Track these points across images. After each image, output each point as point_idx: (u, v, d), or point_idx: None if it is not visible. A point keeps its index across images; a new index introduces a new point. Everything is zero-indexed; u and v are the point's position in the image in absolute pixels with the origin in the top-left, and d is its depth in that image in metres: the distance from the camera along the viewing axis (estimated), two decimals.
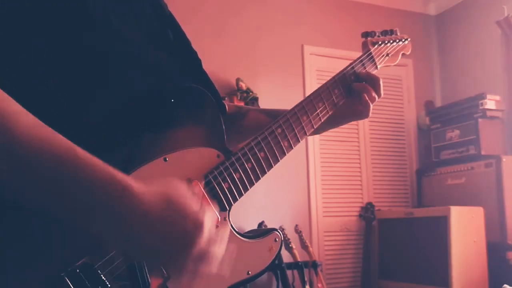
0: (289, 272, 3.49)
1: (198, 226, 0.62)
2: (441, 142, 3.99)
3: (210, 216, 0.65)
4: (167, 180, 0.64)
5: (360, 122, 4.17)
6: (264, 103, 3.67)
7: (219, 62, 3.73)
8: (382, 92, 1.07)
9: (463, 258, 3.19)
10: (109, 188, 0.58)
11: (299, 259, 3.54)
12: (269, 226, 3.60)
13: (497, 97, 3.77)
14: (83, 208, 0.58)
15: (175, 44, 0.91)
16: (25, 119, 0.56)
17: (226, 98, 3.60)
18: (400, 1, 4.50)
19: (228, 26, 3.87)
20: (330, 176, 4.05)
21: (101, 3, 0.72)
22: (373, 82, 1.06)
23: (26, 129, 0.55)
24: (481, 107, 3.71)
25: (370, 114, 1.07)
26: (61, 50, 0.68)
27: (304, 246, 3.67)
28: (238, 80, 3.66)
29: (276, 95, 3.85)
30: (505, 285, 2.68)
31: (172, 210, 0.61)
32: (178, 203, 0.62)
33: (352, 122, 1.12)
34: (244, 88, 3.65)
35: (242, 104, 3.63)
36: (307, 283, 3.49)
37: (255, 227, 3.57)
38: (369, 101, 1.05)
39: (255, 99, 3.66)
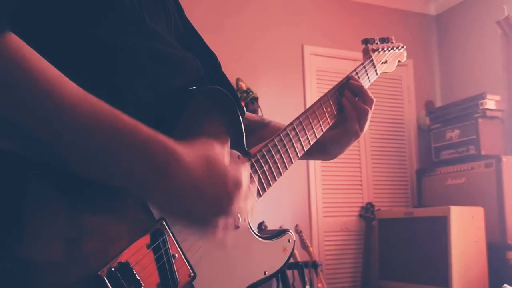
0: (289, 272, 3.49)
1: (238, 184, 0.67)
2: (441, 142, 4.00)
3: (246, 173, 0.69)
4: (206, 142, 0.68)
5: None
6: (264, 103, 3.67)
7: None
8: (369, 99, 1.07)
9: (463, 258, 3.19)
10: (154, 151, 0.62)
11: (299, 259, 3.54)
12: (269, 226, 3.60)
13: (497, 97, 3.77)
14: (127, 170, 0.61)
15: (198, 46, 0.93)
16: (72, 86, 0.58)
17: None
18: (400, 1, 4.51)
19: (227, 26, 3.87)
20: (330, 176, 4.05)
21: (134, 1, 0.73)
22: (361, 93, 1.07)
23: (73, 96, 0.58)
24: (481, 107, 3.71)
25: (363, 129, 1.07)
26: (93, 46, 0.69)
27: (304, 246, 3.67)
28: (238, 80, 3.66)
29: (276, 95, 3.85)
30: (505, 285, 2.68)
31: (214, 170, 0.65)
32: (218, 164, 0.66)
33: None
34: (244, 88, 3.65)
35: (242, 104, 3.63)
36: (307, 283, 3.49)
37: (255, 227, 3.57)
38: (354, 109, 1.05)
39: (255, 99, 3.66)
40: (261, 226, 3.59)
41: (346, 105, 1.05)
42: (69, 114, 0.57)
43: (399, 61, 1.27)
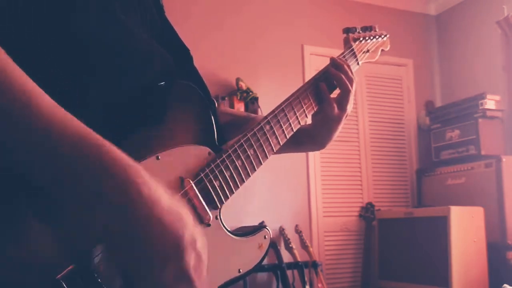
0: (289, 272, 3.49)
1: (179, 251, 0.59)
2: (441, 142, 4.00)
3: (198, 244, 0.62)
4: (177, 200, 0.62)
5: (360, 122, 4.17)
6: (264, 103, 3.67)
7: (219, 62, 3.73)
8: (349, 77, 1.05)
9: (463, 258, 3.19)
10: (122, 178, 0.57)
11: (299, 259, 3.54)
12: (269, 226, 3.60)
13: (497, 97, 3.77)
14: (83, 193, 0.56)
15: (171, 40, 0.91)
16: (44, 96, 0.55)
17: (226, 98, 3.60)
18: (400, 1, 4.51)
19: (228, 26, 3.87)
20: (330, 176, 4.05)
21: None
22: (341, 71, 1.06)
23: (46, 105, 0.54)
24: (481, 107, 3.71)
25: (345, 111, 1.04)
26: (60, 41, 0.67)
27: (304, 246, 3.67)
28: (238, 80, 3.66)
29: (276, 95, 3.83)
30: (505, 285, 2.68)
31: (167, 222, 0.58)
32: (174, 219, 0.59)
33: (352, 122, 1.10)
34: (244, 88, 3.65)
35: (242, 104, 3.63)
36: (307, 283, 3.49)
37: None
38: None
39: (255, 99, 3.66)
40: None
41: (322, 88, 1.03)
42: (37, 125, 0.53)
43: (382, 50, 1.23)
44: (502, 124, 3.78)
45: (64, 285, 0.59)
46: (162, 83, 0.77)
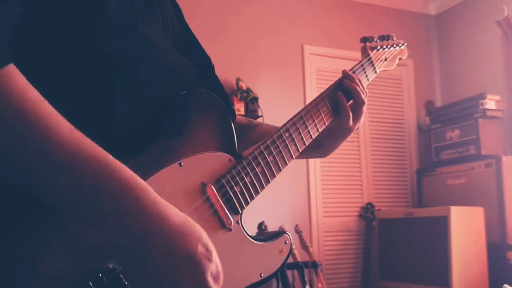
0: (289, 272, 3.49)
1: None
2: (441, 142, 4.00)
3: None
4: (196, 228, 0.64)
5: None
6: (264, 103, 3.67)
7: (219, 62, 3.70)
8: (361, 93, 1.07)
9: (463, 258, 3.19)
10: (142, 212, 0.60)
11: (299, 259, 3.54)
12: (269, 226, 3.60)
13: (497, 97, 3.77)
14: (107, 215, 0.59)
15: (193, 49, 0.93)
16: (62, 122, 0.58)
17: None
18: (400, 1, 4.50)
19: (228, 26, 3.87)
20: (330, 176, 4.05)
21: (128, 7, 0.73)
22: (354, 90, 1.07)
23: (64, 133, 0.57)
24: (481, 107, 3.71)
25: (356, 123, 1.07)
26: (84, 55, 0.69)
27: (304, 246, 3.67)
28: (238, 80, 3.66)
29: (276, 95, 3.85)
30: (505, 285, 2.68)
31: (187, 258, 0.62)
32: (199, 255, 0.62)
33: None
34: (244, 88, 3.65)
35: (242, 104, 3.63)
36: (307, 283, 3.49)
37: (255, 227, 3.57)
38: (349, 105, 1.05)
39: (255, 99, 3.66)
40: (261, 226, 3.59)
41: (340, 99, 1.04)
42: (55, 154, 0.56)
43: (400, 58, 1.25)
44: (502, 124, 3.78)
45: (92, 286, 0.61)
46: (183, 92, 0.79)
